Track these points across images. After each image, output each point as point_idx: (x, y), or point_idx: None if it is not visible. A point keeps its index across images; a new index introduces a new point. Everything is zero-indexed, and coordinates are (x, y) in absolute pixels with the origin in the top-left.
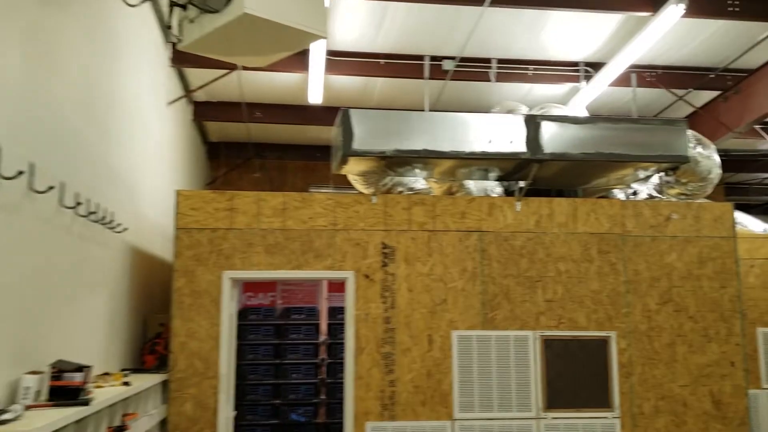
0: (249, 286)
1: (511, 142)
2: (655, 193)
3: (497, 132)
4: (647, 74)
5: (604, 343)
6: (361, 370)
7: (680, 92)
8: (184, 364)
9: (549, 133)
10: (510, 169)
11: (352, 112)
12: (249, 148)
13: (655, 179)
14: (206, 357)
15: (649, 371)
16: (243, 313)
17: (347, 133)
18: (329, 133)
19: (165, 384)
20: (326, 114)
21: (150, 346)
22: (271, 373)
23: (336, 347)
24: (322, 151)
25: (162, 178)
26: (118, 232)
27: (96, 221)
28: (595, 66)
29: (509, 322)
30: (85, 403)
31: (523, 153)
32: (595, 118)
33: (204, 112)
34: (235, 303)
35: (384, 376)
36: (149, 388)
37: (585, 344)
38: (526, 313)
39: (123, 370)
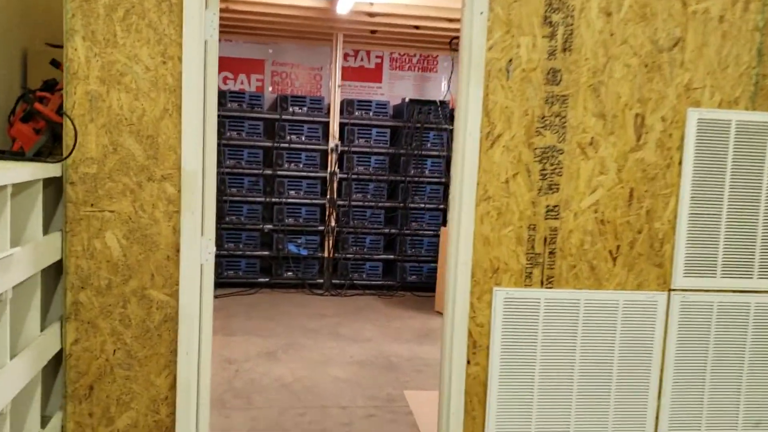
0: (225, 64)
1: None
2: None
3: None
4: None
5: None
6: (491, 182)
7: None
8: (100, 145)
9: None
10: None
11: None
12: None
13: None
14: (149, 132)
15: None
16: (218, 100)
17: None
18: None
19: (57, 188)
20: None
21: (25, 107)
22: (259, 187)
23: (351, 158)
24: None
25: None
26: None
27: None
28: None
29: None
30: None
31: None
32: None
33: None
34: (213, 15)
35: (537, 198)
36: None
37: None
38: None
39: None
